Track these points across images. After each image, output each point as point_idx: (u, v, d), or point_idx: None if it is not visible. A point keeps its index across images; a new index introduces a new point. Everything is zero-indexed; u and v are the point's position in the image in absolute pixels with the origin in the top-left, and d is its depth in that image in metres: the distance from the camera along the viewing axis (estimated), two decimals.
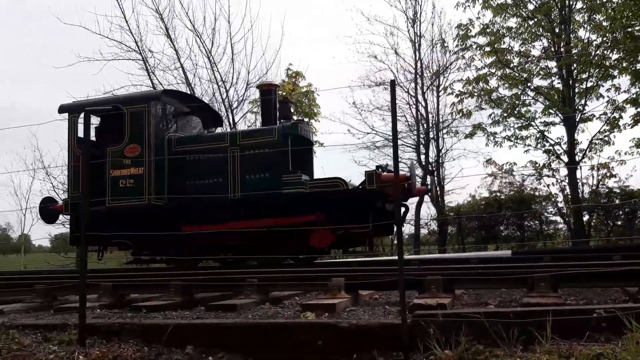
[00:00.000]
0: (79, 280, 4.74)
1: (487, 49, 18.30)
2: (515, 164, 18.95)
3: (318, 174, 11.00)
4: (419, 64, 20.33)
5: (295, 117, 11.24)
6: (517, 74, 18.40)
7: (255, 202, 9.22)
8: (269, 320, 4.71)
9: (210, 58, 18.82)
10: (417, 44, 20.43)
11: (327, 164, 37.88)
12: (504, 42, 18.54)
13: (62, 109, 10.64)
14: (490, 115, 18.50)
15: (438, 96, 20.34)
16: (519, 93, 18.48)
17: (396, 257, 4.28)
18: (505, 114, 18.49)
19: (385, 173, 8.86)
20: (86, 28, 18.25)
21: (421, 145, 19.78)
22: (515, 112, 18.41)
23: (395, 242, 17.68)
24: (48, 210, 10.86)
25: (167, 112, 10.80)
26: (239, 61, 19.28)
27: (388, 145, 20.13)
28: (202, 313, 5.56)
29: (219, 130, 12.05)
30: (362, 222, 8.40)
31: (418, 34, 20.45)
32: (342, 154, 28.66)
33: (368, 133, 20.31)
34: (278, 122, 10.02)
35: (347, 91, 20.42)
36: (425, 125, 19.92)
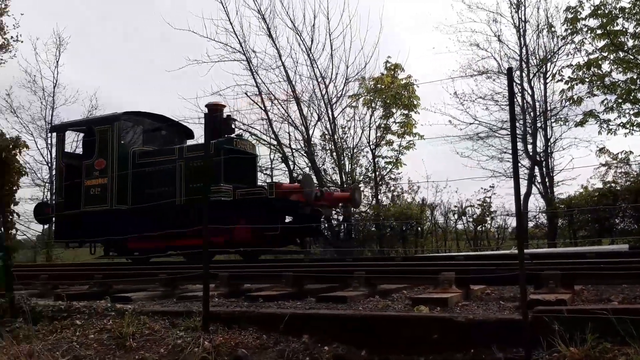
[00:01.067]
0: (203, 272, 5.02)
1: (599, 31, 17.13)
2: (631, 152, 17.64)
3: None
4: (523, 51, 19.43)
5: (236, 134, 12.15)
6: (632, 57, 17.09)
7: (192, 207, 10.62)
8: (382, 312, 4.75)
9: (310, 55, 19.16)
10: (521, 30, 19.53)
11: (428, 157, 37.03)
12: (617, 24, 17.28)
13: (52, 129, 13.61)
14: (602, 101, 17.32)
15: (545, 83, 19.33)
16: (635, 77, 17.17)
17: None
18: (619, 100, 17.26)
19: (285, 184, 11.31)
20: (194, 32, 19.19)
21: (528, 135, 18.91)
22: (631, 97, 17.12)
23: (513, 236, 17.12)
24: (41, 213, 13.32)
25: (131, 130, 12.45)
26: (337, 57, 19.50)
27: (492, 136, 19.44)
28: (313, 304, 5.71)
29: (190, 142, 12.93)
30: (274, 224, 9.96)
31: (522, 19, 19.52)
32: (442, 145, 27.90)
33: (470, 124, 19.69)
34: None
35: (448, 81, 19.87)
36: (532, 113, 19.01)
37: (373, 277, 6.20)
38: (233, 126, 11.78)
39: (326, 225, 15.18)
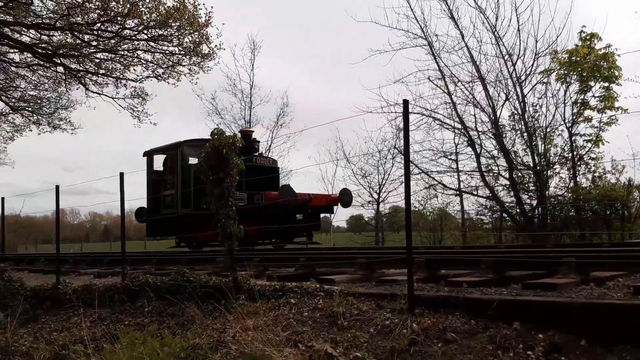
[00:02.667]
0: (406, 256, 5.15)
1: None
2: None
3: None
4: None
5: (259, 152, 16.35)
6: None
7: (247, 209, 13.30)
8: (604, 300, 4.44)
9: (495, 33, 18.35)
10: None
11: (633, 132, 33.10)
12: None
13: (144, 154, 17.33)
14: None
15: None
16: None
17: None
18: None
19: (273, 193, 13.93)
20: (376, 22, 19.56)
21: None
22: None
23: None
24: (140, 216, 17.69)
25: (194, 152, 15.32)
26: (525, 31, 18.37)
27: None
28: (519, 291, 5.53)
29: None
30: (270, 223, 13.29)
31: None
32: None
33: None
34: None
35: None
36: None
37: (584, 263, 5.81)
38: (256, 146, 16.19)
39: None
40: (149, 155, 17.28)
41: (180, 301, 7.32)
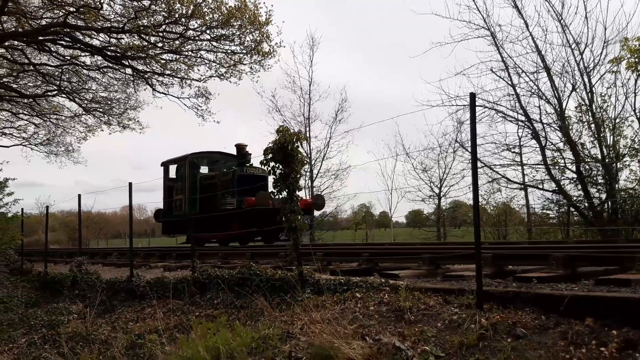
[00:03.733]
0: (475, 251, 5.12)
1: None
2: None
3: None
4: None
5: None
6: None
7: (224, 213, 16.64)
8: None
9: (561, 21, 17.68)
10: None
11: None
12: None
13: (161, 164, 20.13)
14: None
15: None
16: None
17: None
18: None
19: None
20: (437, 14, 19.25)
21: None
22: None
23: None
24: (157, 217, 20.69)
25: (199, 163, 19.31)
26: (593, 19, 17.64)
27: None
28: (591, 287, 5.39)
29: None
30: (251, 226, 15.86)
31: None
32: None
33: None
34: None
35: None
36: None
37: None
38: (249, 158, 17.95)
39: None
40: (165, 165, 20.14)
41: (247, 294, 7.55)
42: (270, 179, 7.95)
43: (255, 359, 5.16)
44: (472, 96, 4.91)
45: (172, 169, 19.91)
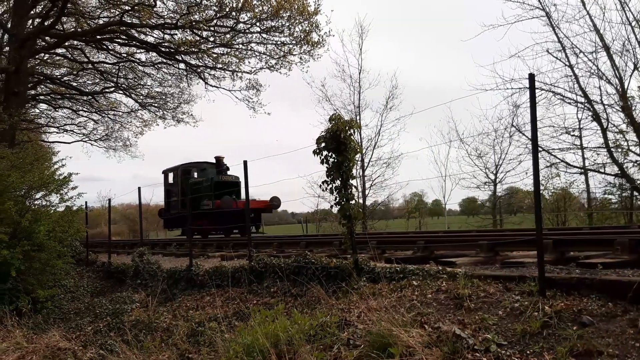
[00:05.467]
0: (536, 237, 4.98)
1: None
2: None
3: None
4: None
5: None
6: None
7: (207, 211, 19.90)
8: None
9: None
10: None
11: None
12: None
13: (162, 172, 24.14)
14: None
15: None
16: None
17: None
18: None
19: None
20: None
21: None
22: None
23: None
24: (161, 214, 24.96)
25: (190, 172, 23.08)
26: None
27: None
28: None
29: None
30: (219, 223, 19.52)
31: None
32: None
33: None
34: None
35: None
36: None
37: None
38: (224, 167, 21.61)
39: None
40: (165, 172, 24.21)
41: (303, 282, 7.61)
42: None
43: (314, 346, 5.20)
44: (532, 77, 4.75)
45: (170, 176, 23.91)
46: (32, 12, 19.46)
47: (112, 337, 8.40)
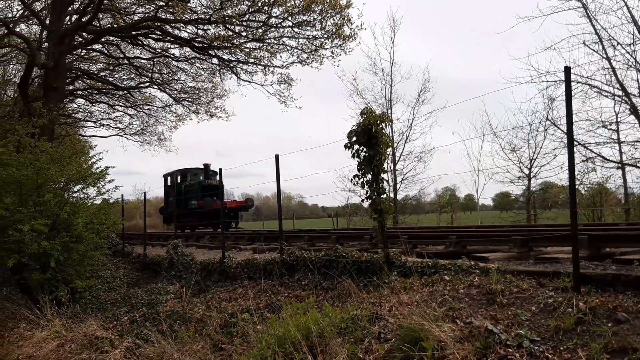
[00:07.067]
0: (571, 232, 4.91)
1: None
2: None
3: None
4: None
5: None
6: None
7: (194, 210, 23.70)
8: None
9: None
10: None
11: None
12: None
13: (162, 176, 28.39)
14: None
15: None
16: None
17: None
18: None
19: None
20: None
21: None
22: None
23: None
24: (161, 212, 29.79)
25: (183, 176, 26.70)
26: None
27: None
28: None
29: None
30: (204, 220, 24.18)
31: None
32: None
33: None
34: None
35: None
36: None
37: None
38: (210, 173, 25.37)
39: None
40: (165, 176, 28.14)
41: (334, 275, 7.66)
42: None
43: (345, 339, 5.24)
44: (567, 70, 4.67)
45: (169, 180, 27.72)
46: (69, 9, 19.93)
47: (148, 327, 8.60)
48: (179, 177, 26.97)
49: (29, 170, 11.00)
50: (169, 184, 27.84)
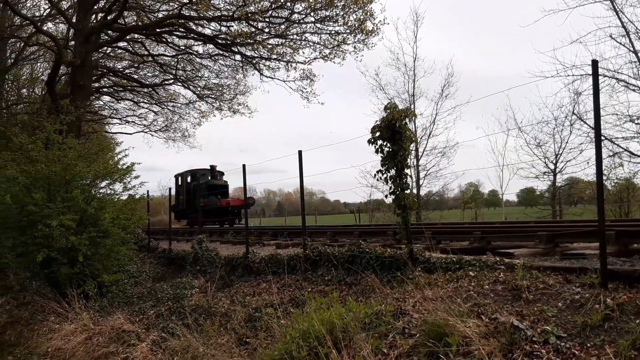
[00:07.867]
0: (598, 228, 4.85)
1: None
2: None
3: None
4: None
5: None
6: None
7: (201, 207, 22.96)
8: None
9: None
10: None
11: None
12: None
13: (174, 176, 30.89)
14: None
15: None
16: None
17: None
18: None
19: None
20: None
21: None
22: None
23: None
24: (173, 210, 26.09)
25: (192, 176, 28.59)
26: None
27: None
28: None
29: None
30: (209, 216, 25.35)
31: None
32: None
33: None
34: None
35: None
36: None
37: None
38: (216, 173, 27.89)
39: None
40: (176, 177, 30.39)
41: (358, 271, 7.67)
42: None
43: (369, 334, 5.26)
44: (595, 63, 4.60)
45: (179, 180, 29.73)
46: (95, 7, 20.20)
47: (173, 320, 8.72)
48: (188, 178, 28.87)
49: (57, 166, 11.22)
50: (179, 183, 29.96)
